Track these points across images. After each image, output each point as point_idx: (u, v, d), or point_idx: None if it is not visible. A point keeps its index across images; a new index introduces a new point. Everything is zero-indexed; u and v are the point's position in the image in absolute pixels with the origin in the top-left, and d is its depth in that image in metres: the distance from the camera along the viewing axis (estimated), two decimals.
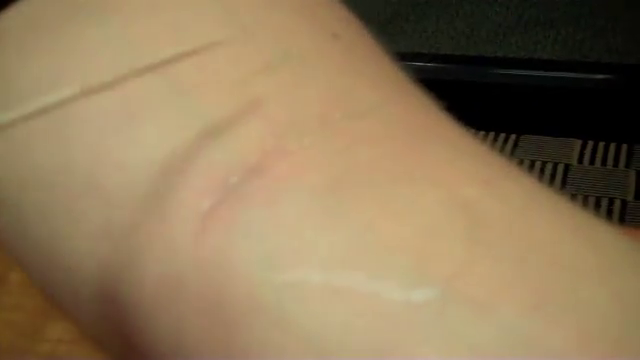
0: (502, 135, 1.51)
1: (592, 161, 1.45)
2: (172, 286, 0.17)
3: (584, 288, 0.15)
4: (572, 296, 0.14)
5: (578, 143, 1.49)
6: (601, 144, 1.48)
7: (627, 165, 1.43)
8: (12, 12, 0.19)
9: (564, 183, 1.40)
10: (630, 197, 1.36)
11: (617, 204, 1.35)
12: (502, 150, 1.48)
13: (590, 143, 1.48)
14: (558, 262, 0.15)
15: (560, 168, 1.43)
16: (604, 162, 1.44)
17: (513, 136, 1.51)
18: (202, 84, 0.18)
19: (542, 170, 1.43)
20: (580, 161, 1.45)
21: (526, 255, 0.15)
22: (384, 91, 0.19)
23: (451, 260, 0.15)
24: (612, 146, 1.47)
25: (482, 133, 1.52)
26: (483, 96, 1.54)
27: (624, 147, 1.47)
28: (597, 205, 1.35)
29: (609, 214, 1.33)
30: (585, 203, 1.35)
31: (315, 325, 0.15)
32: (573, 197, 1.36)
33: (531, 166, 1.44)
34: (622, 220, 1.32)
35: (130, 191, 0.17)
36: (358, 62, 0.19)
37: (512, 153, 1.47)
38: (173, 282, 0.17)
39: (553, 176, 1.42)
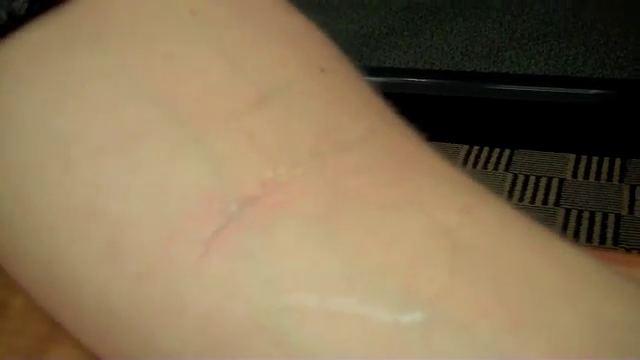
0: (496, 150, 1.52)
1: (586, 176, 1.45)
2: (174, 308, 0.17)
3: (556, 309, 0.16)
4: (545, 316, 0.15)
5: (572, 158, 1.49)
6: (595, 159, 1.48)
7: (621, 179, 1.43)
8: (12, 41, 0.20)
9: (558, 198, 1.40)
10: (624, 211, 1.36)
11: (611, 218, 1.35)
12: (497, 165, 1.48)
13: (584, 158, 1.49)
14: (531, 285, 0.16)
15: (554, 183, 1.44)
16: (598, 177, 1.45)
17: (507, 151, 1.52)
18: (199, 115, 0.18)
19: (536, 185, 1.43)
20: (574, 176, 1.45)
21: (502, 279, 0.16)
22: (369, 123, 0.19)
23: (434, 284, 0.16)
24: (606, 160, 1.48)
25: (476, 148, 1.52)
26: (477, 111, 1.54)
27: (618, 161, 1.47)
28: (591, 219, 1.35)
29: (603, 228, 1.33)
30: (579, 218, 1.36)
31: (312, 346, 0.16)
32: (567, 212, 1.37)
33: (525, 181, 1.45)
34: (616, 234, 1.32)
35: (131, 217, 0.18)
36: (344, 95, 0.20)
37: (506, 168, 1.48)
38: (175, 303, 0.17)
39: (547, 191, 1.42)
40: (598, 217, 1.36)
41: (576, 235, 1.32)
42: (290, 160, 0.18)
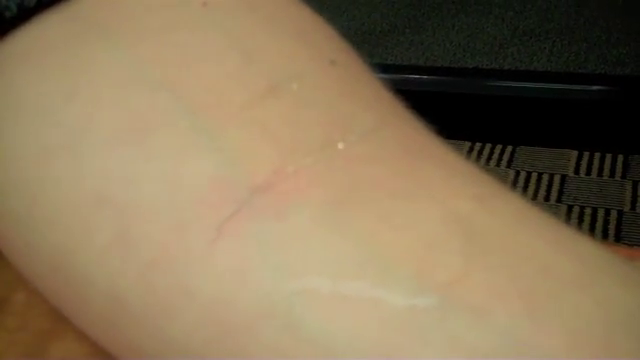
0: (499, 146, 1.52)
1: (588, 172, 1.45)
2: (183, 295, 0.17)
3: (569, 295, 0.16)
4: (559, 302, 0.16)
5: (574, 154, 1.49)
6: (597, 155, 1.48)
7: (623, 176, 1.43)
8: (23, 33, 0.20)
9: (560, 194, 1.40)
10: (626, 208, 1.36)
11: (613, 214, 1.35)
12: (499, 161, 1.48)
13: (586, 154, 1.49)
14: (545, 271, 0.16)
15: (556, 179, 1.44)
16: (600, 173, 1.44)
17: (510, 147, 1.51)
18: (211, 104, 0.18)
19: (538, 181, 1.43)
20: (576, 172, 1.45)
21: (516, 265, 0.16)
22: (380, 114, 0.19)
23: (449, 269, 0.16)
24: (608, 157, 1.47)
25: (479, 144, 1.52)
26: (479, 108, 1.54)
27: (620, 158, 1.47)
28: (593, 216, 1.35)
29: (606, 225, 1.33)
30: (582, 214, 1.36)
31: (324, 329, 0.16)
32: (570, 208, 1.37)
33: (527, 177, 1.44)
34: (619, 230, 1.32)
35: (142, 205, 0.18)
36: (354, 87, 0.20)
37: (509, 164, 1.48)
38: (184, 291, 0.17)
39: (549, 187, 1.42)
40: (600, 213, 1.35)
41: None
42: (302, 149, 0.18)
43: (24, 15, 0.19)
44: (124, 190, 0.18)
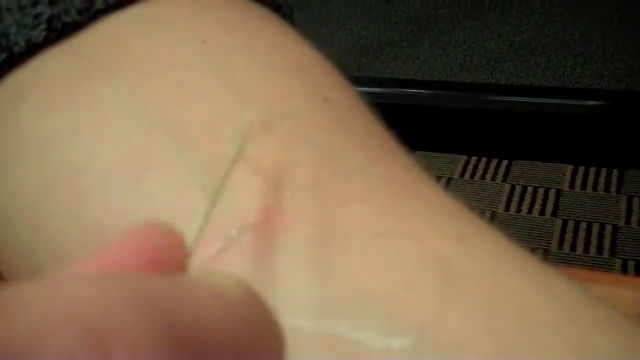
0: (494, 160, 1.52)
1: (583, 186, 1.45)
2: None
3: (545, 338, 0.16)
4: (530, 344, 0.16)
5: (569, 168, 1.49)
6: (592, 169, 1.49)
7: (618, 190, 1.44)
8: (31, 68, 0.20)
9: (555, 208, 1.41)
10: (621, 222, 1.37)
11: (608, 229, 1.35)
12: (494, 175, 1.49)
13: (581, 168, 1.49)
14: (522, 314, 0.16)
15: (552, 193, 1.44)
16: (595, 187, 1.45)
17: (505, 161, 1.52)
18: (204, 142, 0.19)
19: (534, 195, 1.44)
20: (572, 186, 1.46)
21: (492, 307, 0.16)
22: (370, 152, 0.20)
23: (425, 311, 0.16)
24: (603, 171, 1.48)
25: (474, 158, 1.52)
26: (475, 122, 1.55)
27: (615, 172, 1.47)
28: (588, 230, 1.35)
29: (600, 239, 1.33)
30: (577, 228, 1.36)
31: None
32: (565, 222, 1.37)
33: (523, 191, 1.45)
34: (613, 245, 1.32)
35: None
36: (346, 125, 0.21)
37: (504, 179, 1.48)
38: None
39: (545, 201, 1.42)
40: (595, 228, 1.36)
41: (573, 246, 1.32)
42: (290, 187, 0.18)
43: (32, 50, 0.20)
44: (119, 225, 0.18)
